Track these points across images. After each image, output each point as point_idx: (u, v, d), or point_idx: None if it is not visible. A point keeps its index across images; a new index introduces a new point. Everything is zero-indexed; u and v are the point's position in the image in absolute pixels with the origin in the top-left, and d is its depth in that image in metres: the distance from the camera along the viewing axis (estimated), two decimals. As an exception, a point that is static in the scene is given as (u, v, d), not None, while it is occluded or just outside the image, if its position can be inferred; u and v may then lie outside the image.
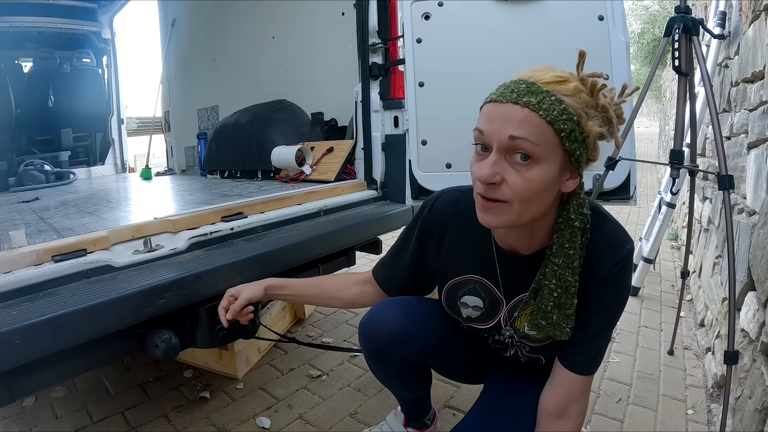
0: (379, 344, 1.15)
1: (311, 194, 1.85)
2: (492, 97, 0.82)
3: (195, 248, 1.38)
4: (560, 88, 0.80)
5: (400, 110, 1.97)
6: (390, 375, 1.23)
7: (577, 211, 0.88)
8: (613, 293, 0.94)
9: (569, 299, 0.90)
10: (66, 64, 3.82)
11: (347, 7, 2.31)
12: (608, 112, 0.83)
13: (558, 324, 0.91)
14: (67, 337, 0.96)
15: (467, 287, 1.08)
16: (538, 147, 0.77)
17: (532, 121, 0.77)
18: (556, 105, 0.77)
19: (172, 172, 3.87)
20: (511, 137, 0.77)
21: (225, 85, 3.36)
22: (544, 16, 1.54)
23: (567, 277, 0.89)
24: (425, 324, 1.15)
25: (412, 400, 1.41)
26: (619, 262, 0.91)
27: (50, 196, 2.57)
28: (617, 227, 0.95)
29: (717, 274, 2.02)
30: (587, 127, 0.81)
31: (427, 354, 1.17)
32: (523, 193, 0.79)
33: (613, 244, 0.92)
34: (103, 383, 1.94)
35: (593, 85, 0.82)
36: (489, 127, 0.80)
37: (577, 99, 0.80)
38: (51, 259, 1.13)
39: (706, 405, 1.73)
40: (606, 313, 0.95)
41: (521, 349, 1.12)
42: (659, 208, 2.92)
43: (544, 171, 0.79)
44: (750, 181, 1.55)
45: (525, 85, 0.79)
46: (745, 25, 1.73)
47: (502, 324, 1.08)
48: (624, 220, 4.92)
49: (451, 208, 1.07)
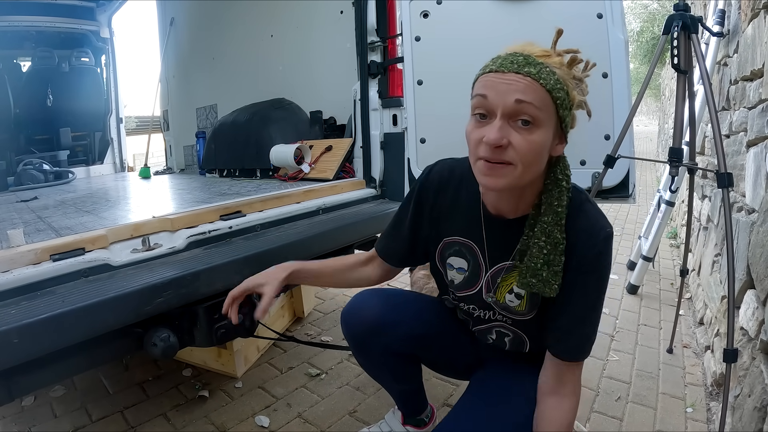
0: (361, 332, 1.17)
1: (310, 193, 1.85)
2: (492, 68, 0.87)
3: (193, 247, 1.38)
4: (549, 61, 0.88)
5: (398, 108, 1.97)
6: (375, 364, 1.25)
7: (563, 172, 0.95)
8: (594, 276, 0.97)
9: (557, 256, 0.94)
10: (65, 64, 3.80)
11: (346, 6, 2.31)
12: (582, 83, 0.93)
13: (547, 280, 0.94)
14: (65, 336, 0.96)
15: (453, 248, 1.11)
16: (540, 111, 0.84)
17: (534, 88, 0.84)
18: (551, 75, 0.85)
19: (170, 171, 3.87)
20: (517, 101, 0.83)
21: (223, 84, 3.36)
22: (543, 14, 1.53)
23: (556, 234, 0.93)
24: (406, 311, 1.19)
25: (404, 393, 1.41)
26: (599, 244, 0.95)
27: (49, 196, 2.57)
28: (596, 210, 0.99)
29: (716, 272, 2.02)
30: (572, 96, 0.89)
31: (409, 341, 1.19)
32: (527, 154, 0.85)
33: (594, 227, 0.96)
34: (102, 382, 1.94)
35: (572, 59, 0.91)
36: (494, 94, 0.85)
37: (563, 71, 0.88)
38: (49, 258, 1.13)
39: (705, 403, 1.73)
40: (588, 297, 0.98)
41: (503, 327, 1.14)
42: (658, 206, 2.92)
43: (544, 134, 0.86)
44: (749, 179, 1.55)
45: (522, 57, 0.86)
46: (744, 23, 1.73)
47: (483, 291, 1.09)
48: (623, 219, 4.92)
49: (446, 173, 1.12)
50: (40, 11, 3.65)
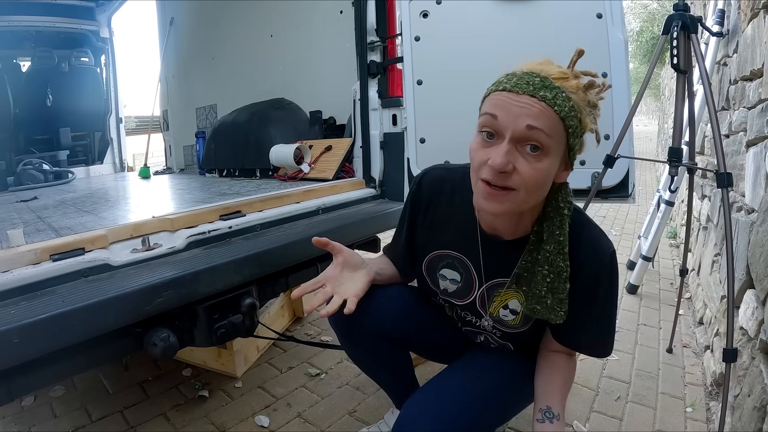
0: (346, 318, 1.14)
1: (309, 192, 1.85)
2: (505, 86, 0.83)
3: (193, 247, 1.38)
4: (566, 84, 0.83)
5: (398, 108, 1.97)
6: (364, 350, 1.23)
7: (565, 199, 0.93)
8: (601, 291, 0.98)
9: (561, 284, 0.93)
10: (64, 63, 3.80)
11: (345, 6, 2.31)
12: (596, 109, 0.88)
13: (552, 308, 0.95)
14: (65, 336, 0.96)
15: (446, 261, 1.11)
16: (550, 139, 0.81)
17: (547, 114, 0.80)
18: (566, 102, 0.82)
19: (170, 171, 3.86)
20: (529, 127, 0.80)
21: (223, 84, 3.36)
22: (543, 13, 1.53)
23: (558, 263, 0.92)
24: (391, 295, 1.19)
25: (394, 384, 1.39)
26: (605, 264, 0.95)
27: (49, 196, 2.57)
28: (598, 230, 0.99)
29: (716, 272, 2.02)
30: (584, 123, 0.85)
31: (395, 324, 1.18)
32: (531, 182, 0.83)
33: (597, 247, 0.96)
34: (102, 382, 1.94)
35: (589, 84, 0.87)
36: (505, 115, 0.82)
37: (578, 96, 0.84)
38: (49, 258, 1.13)
39: (705, 403, 1.73)
40: (595, 310, 0.99)
41: (492, 335, 1.15)
42: (658, 206, 2.92)
43: (550, 162, 0.83)
44: (749, 179, 1.55)
45: (539, 78, 0.82)
46: (743, 23, 1.73)
47: (477, 304, 1.10)
48: (623, 218, 4.92)
49: (437, 185, 1.11)
50: (39, 11, 3.65)
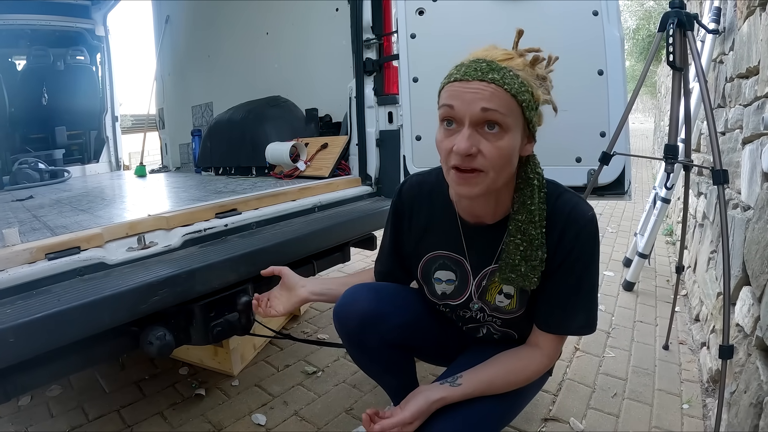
0: (355, 326, 1.16)
1: (305, 190, 1.85)
2: (456, 77, 0.89)
3: (189, 245, 1.38)
4: (512, 64, 0.89)
5: (394, 106, 1.97)
6: (371, 358, 1.24)
7: (534, 170, 0.97)
8: (581, 260, 0.99)
9: (534, 251, 0.96)
10: (60, 62, 3.79)
11: (341, 3, 2.31)
12: (546, 81, 0.94)
13: (526, 275, 0.98)
14: (61, 335, 0.96)
15: (438, 263, 1.13)
16: (506, 117, 0.86)
17: (499, 94, 0.85)
18: (515, 79, 0.87)
19: (166, 170, 3.85)
20: (483, 109, 0.85)
21: (219, 82, 3.35)
22: (539, 11, 1.53)
23: (530, 231, 0.96)
24: (397, 301, 1.20)
25: (399, 388, 1.40)
26: (584, 229, 0.98)
27: (44, 195, 2.56)
28: (576, 197, 1.01)
29: (712, 269, 2.03)
30: (536, 96, 0.91)
31: (403, 331, 1.19)
32: (497, 160, 0.87)
33: (573, 214, 0.98)
34: (98, 381, 1.93)
35: (534, 59, 0.92)
36: (460, 103, 0.87)
37: (526, 72, 0.90)
38: (45, 257, 1.12)
39: (701, 399, 1.74)
40: (573, 280, 1.00)
41: (492, 325, 1.16)
42: (654, 203, 2.93)
43: (511, 138, 0.88)
44: (744, 176, 1.56)
45: (485, 63, 0.87)
46: (739, 21, 1.73)
47: (473, 296, 1.11)
48: (619, 216, 4.93)
49: (415, 190, 1.15)
50: (35, 9, 3.64)
